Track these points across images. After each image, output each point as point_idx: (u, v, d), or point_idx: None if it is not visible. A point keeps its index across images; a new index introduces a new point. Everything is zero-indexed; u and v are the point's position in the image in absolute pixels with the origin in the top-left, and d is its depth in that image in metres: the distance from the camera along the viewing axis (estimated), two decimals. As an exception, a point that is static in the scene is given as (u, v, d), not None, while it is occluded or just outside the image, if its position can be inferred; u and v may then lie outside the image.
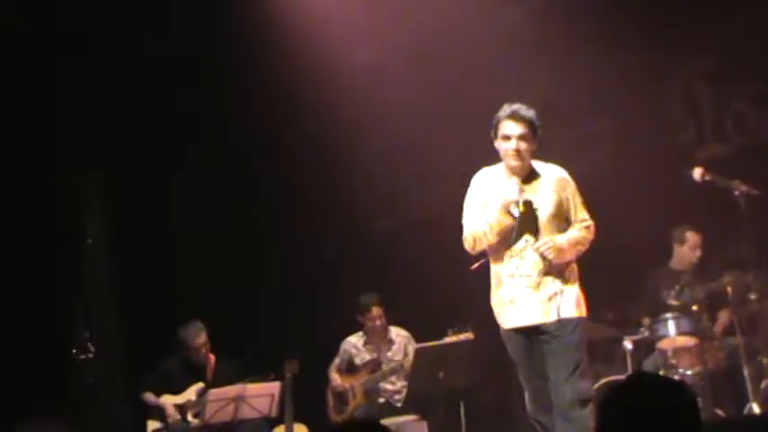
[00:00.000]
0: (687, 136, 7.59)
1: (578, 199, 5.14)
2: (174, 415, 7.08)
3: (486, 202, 5.06)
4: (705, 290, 6.75)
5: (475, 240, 5.07)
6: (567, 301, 4.98)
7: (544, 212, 5.02)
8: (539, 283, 4.98)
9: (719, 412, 6.45)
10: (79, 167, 8.09)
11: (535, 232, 4.98)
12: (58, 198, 7.87)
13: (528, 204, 4.99)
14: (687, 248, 7.14)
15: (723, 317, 6.92)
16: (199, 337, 7.19)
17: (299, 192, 8.31)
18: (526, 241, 4.99)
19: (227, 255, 8.20)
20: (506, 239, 4.99)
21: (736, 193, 6.26)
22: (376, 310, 7.41)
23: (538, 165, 5.13)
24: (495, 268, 5.12)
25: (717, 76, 7.41)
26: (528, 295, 4.99)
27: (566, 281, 5.03)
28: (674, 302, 6.84)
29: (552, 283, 4.98)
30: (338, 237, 8.27)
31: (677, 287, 6.84)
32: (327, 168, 8.30)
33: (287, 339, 7.43)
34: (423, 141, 7.94)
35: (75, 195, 8.08)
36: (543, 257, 4.94)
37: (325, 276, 8.13)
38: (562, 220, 5.08)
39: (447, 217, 5.44)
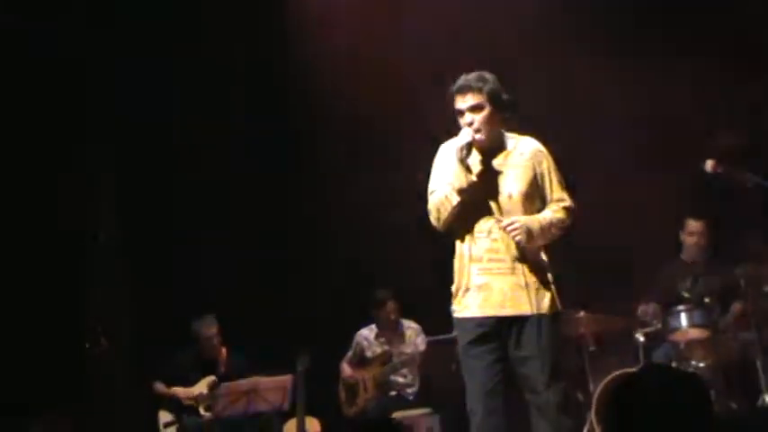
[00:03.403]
0: (699, 127, 7.55)
1: (555, 176, 4.54)
2: (188, 398, 7.08)
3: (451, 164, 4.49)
4: (718, 282, 6.72)
5: (438, 210, 4.49)
6: (545, 293, 4.42)
7: (516, 190, 4.44)
8: (513, 269, 4.41)
9: (732, 405, 6.43)
10: (90, 165, 8.11)
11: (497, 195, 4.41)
12: (69, 194, 7.89)
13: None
14: (686, 235, 7.13)
15: (736, 309, 6.88)
16: (210, 327, 7.21)
17: (311, 186, 8.30)
18: (497, 221, 4.41)
19: (239, 249, 8.19)
20: (473, 206, 4.42)
21: (749, 184, 6.23)
22: (390, 305, 7.41)
23: (509, 137, 4.56)
24: (460, 249, 4.53)
25: (729, 66, 7.37)
26: (500, 282, 4.41)
27: (541, 269, 4.47)
28: (686, 294, 6.81)
29: (528, 271, 4.41)
30: (351, 230, 8.25)
31: (690, 279, 6.82)
32: (343, 163, 8.29)
33: (299, 333, 7.43)
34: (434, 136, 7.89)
35: (86, 191, 8.11)
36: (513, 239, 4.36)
37: (338, 269, 8.12)
38: (536, 199, 4.50)
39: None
